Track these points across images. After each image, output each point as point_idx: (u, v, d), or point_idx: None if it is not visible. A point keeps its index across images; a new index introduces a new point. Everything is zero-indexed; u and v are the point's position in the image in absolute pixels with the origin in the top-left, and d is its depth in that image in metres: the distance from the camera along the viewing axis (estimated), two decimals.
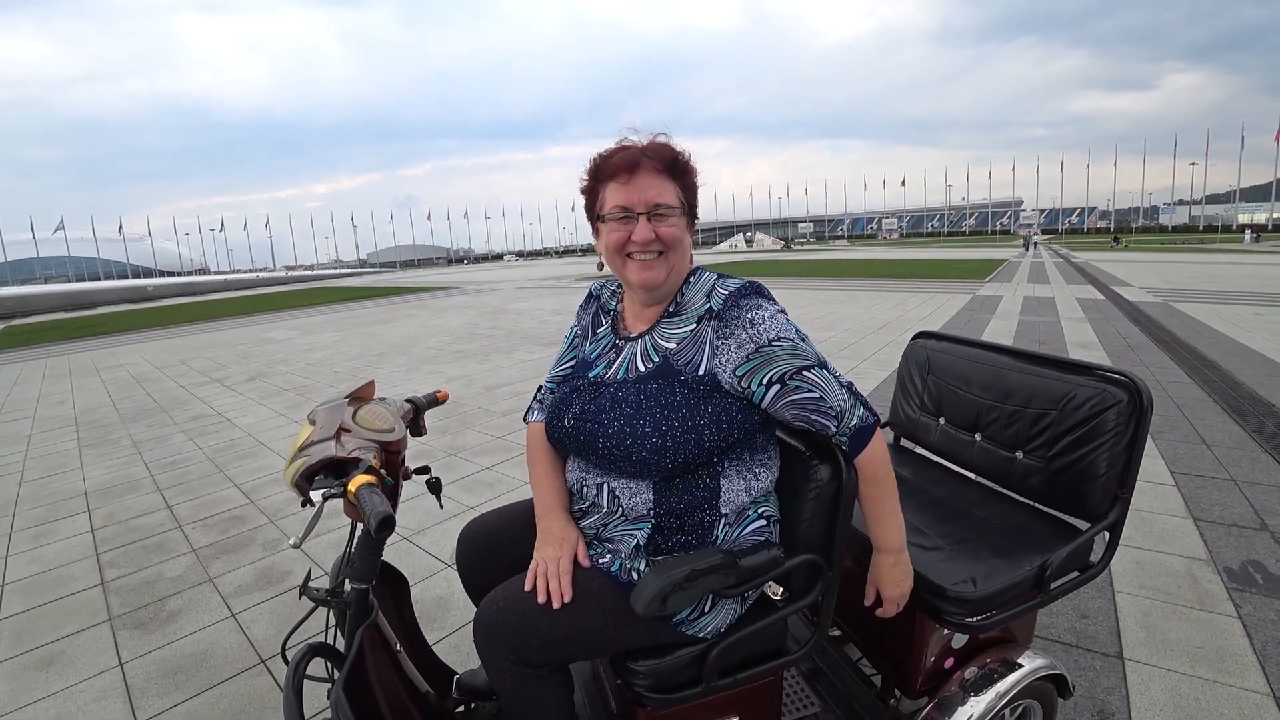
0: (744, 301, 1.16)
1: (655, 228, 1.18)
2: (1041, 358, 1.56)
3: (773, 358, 1.13)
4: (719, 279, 1.23)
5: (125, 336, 15.23)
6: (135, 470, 4.51)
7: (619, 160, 1.19)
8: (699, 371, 1.15)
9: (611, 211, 1.20)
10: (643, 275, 1.20)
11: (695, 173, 1.25)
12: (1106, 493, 1.34)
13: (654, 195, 1.18)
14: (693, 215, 1.27)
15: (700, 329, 1.19)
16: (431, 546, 2.95)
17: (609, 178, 1.20)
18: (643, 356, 1.22)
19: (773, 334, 1.13)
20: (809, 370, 1.13)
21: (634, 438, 1.13)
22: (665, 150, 1.21)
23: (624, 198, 1.18)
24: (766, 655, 1.22)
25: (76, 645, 2.40)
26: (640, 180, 1.18)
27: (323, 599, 1.14)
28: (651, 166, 1.19)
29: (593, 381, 1.26)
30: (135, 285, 45.52)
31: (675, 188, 1.21)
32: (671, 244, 1.20)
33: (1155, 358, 6.35)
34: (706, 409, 1.14)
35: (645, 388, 1.17)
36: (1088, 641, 2.08)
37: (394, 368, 7.90)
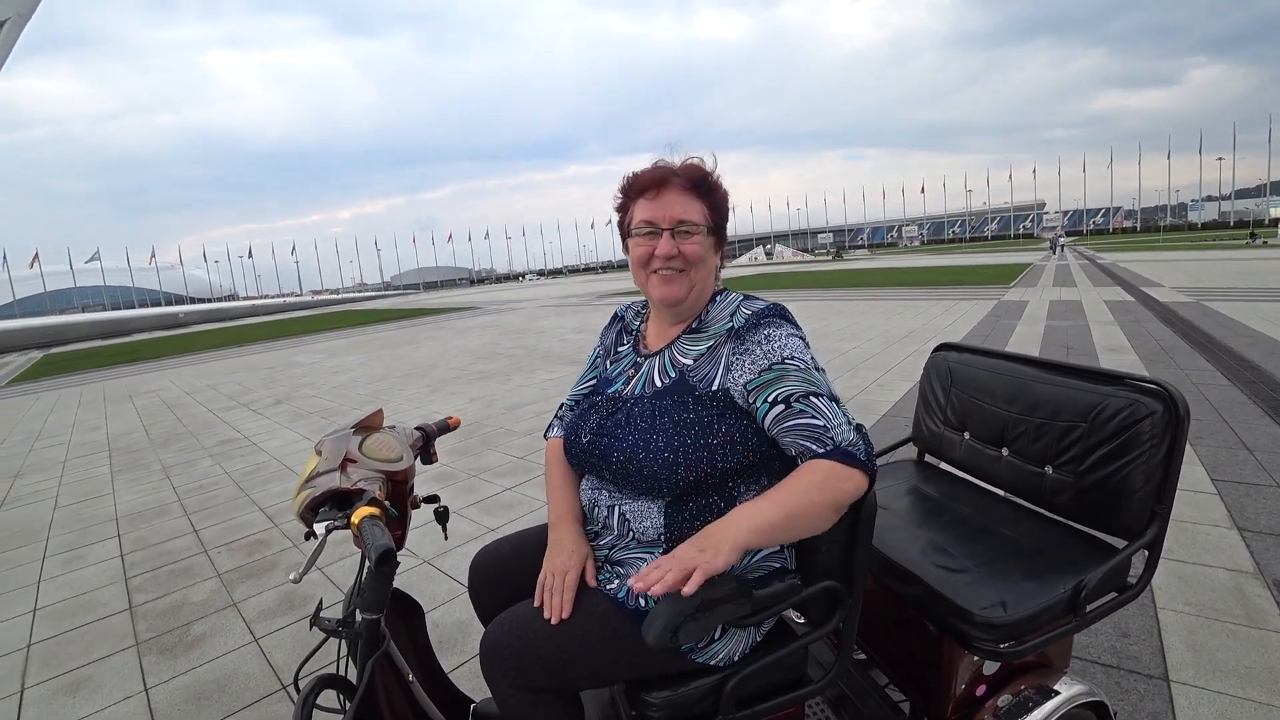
0: (765, 321, 1.17)
1: (679, 244, 1.20)
2: (1069, 367, 1.50)
3: (784, 376, 1.11)
4: (745, 299, 1.25)
5: (157, 363, 15.62)
6: (164, 495, 4.58)
7: (648, 177, 1.23)
8: (713, 387, 1.16)
9: (638, 226, 1.23)
10: (664, 290, 1.22)
11: (725, 193, 1.27)
12: (1143, 509, 1.28)
13: (679, 212, 1.20)
14: (721, 235, 1.28)
15: (719, 346, 1.20)
16: (452, 570, 2.93)
17: (639, 194, 1.24)
18: (660, 372, 1.24)
19: (787, 352, 1.13)
20: (818, 398, 1.10)
21: (647, 452, 1.13)
22: (695, 170, 1.23)
23: (650, 213, 1.22)
24: (787, 685, 1.18)
25: (104, 670, 2.43)
26: (667, 197, 1.21)
27: (333, 629, 1.13)
28: (679, 184, 1.22)
29: (610, 397, 1.27)
30: (167, 313, 46.76)
31: (702, 206, 1.23)
32: (694, 261, 1.21)
33: (1190, 360, 6.16)
34: (720, 427, 1.13)
35: (660, 404, 1.17)
36: (1130, 663, 1.98)
37: (417, 389, 7.97)
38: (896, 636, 1.44)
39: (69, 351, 24.81)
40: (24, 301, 78.40)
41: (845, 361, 7.22)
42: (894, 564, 1.38)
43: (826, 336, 9.28)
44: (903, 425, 4.60)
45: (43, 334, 33.02)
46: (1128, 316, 9.38)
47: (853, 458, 1.06)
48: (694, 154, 1.26)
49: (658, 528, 1.16)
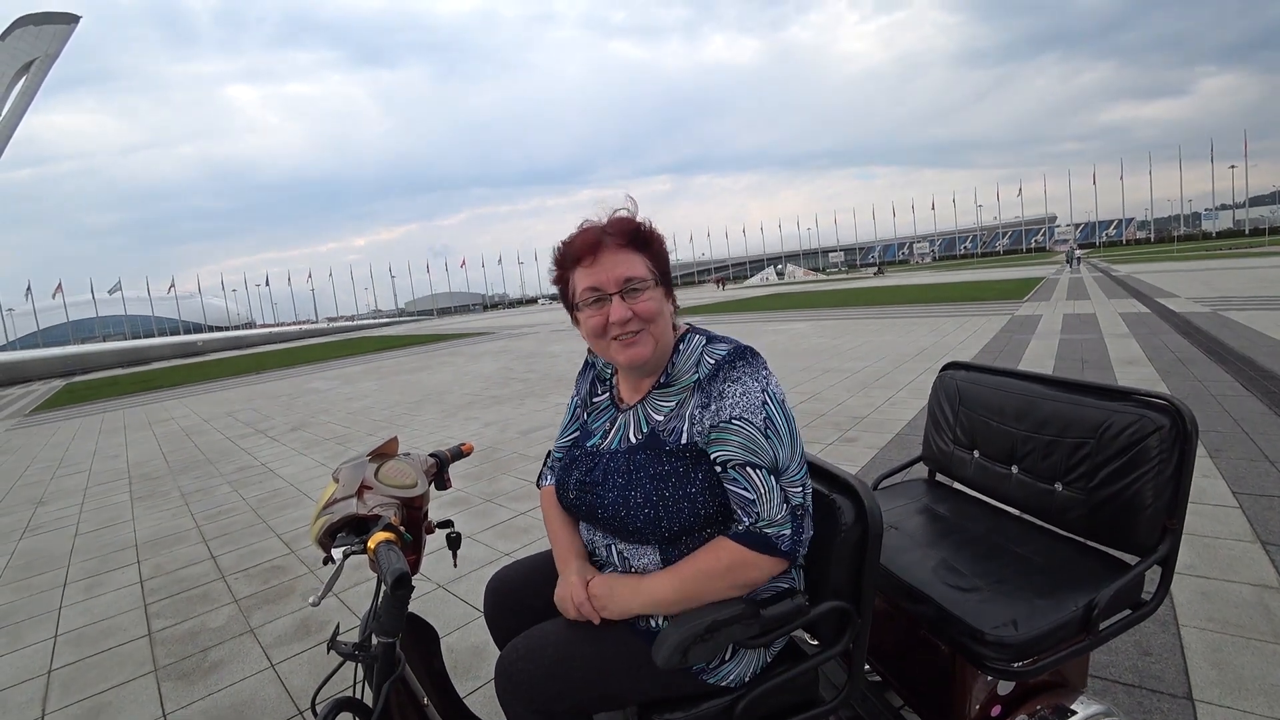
0: (723, 373, 1.13)
1: (631, 305, 1.15)
2: (1075, 384, 1.51)
3: (725, 439, 1.09)
4: (708, 345, 1.20)
5: (176, 391, 15.82)
6: (183, 521, 4.63)
7: (581, 243, 1.17)
8: (682, 441, 1.14)
9: (584, 296, 1.18)
10: (628, 354, 1.18)
11: (660, 239, 1.23)
12: (1155, 525, 1.28)
13: (622, 271, 1.15)
14: (668, 284, 1.24)
15: (685, 400, 1.17)
16: (467, 595, 2.94)
17: (575, 263, 1.19)
18: (635, 428, 1.22)
19: (735, 412, 1.09)
20: (754, 469, 1.07)
21: (628, 509, 1.14)
22: (626, 224, 1.19)
23: (592, 279, 1.16)
24: (798, 706, 1.18)
25: (123, 696, 2.45)
26: (605, 259, 1.16)
27: (350, 653, 1.15)
28: (615, 243, 1.16)
29: (589, 451, 1.27)
30: (186, 341, 47.44)
31: (643, 259, 1.19)
32: (650, 318, 1.17)
33: (1208, 371, 6.09)
34: (696, 476, 1.13)
35: (635, 458, 1.17)
36: (1152, 681, 1.95)
37: (431, 415, 8.02)
38: (910, 657, 1.43)
39: (90, 380, 25.20)
40: (47, 331, 79.92)
41: (857, 380, 7.19)
42: (905, 584, 1.38)
43: (838, 355, 9.26)
44: (915, 444, 4.57)
45: (65, 363, 33.58)
46: (1143, 329, 9.29)
47: (767, 544, 1.05)
48: (618, 206, 1.23)
49: (655, 564, 1.17)
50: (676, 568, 1.11)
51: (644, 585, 1.12)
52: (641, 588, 1.12)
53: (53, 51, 36.48)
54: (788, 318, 17.34)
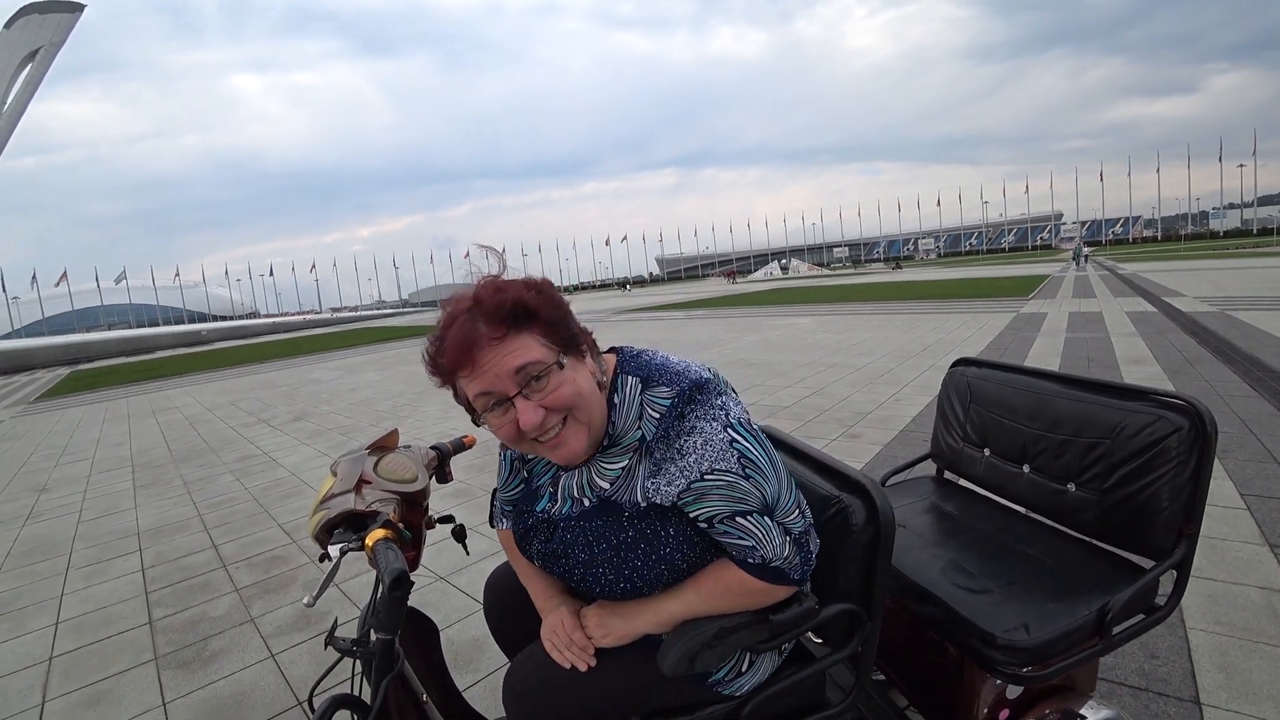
0: (675, 427, 0.98)
1: (540, 401, 0.96)
2: (1091, 382, 1.48)
3: (705, 495, 0.96)
4: (645, 391, 1.02)
5: (180, 379, 15.86)
6: (185, 510, 4.63)
7: (452, 353, 0.95)
8: (640, 505, 1.01)
9: (479, 402, 0.98)
10: (561, 454, 1.01)
11: (550, 296, 1.00)
12: (1170, 528, 1.25)
13: (511, 361, 0.94)
14: (572, 345, 1.00)
15: (631, 465, 1.02)
16: (468, 587, 2.93)
17: (451, 373, 0.97)
18: (580, 492, 1.08)
19: (706, 465, 0.95)
20: (745, 517, 0.97)
21: (600, 585, 1.05)
22: (500, 303, 0.94)
23: (482, 385, 0.95)
24: (805, 709, 1.16)
25: (123, 684, 2.44)
26: (487, 360, 0.94)
27: (348, 649, 1.13)
28: (492, 338, 0.93)
29: (541, 519, 1.13)
30: (190, 330, 47.59)
31: (535, 337, 0.96)
32: (569, 405, 0.97)
33: (1216, 371, 6.04)
34: (667, 532, 1.01)
35: (592, 525, 1.04)
36: (1159, 685, 1.93)
37: (433, 406, 8.01)
38: (916, 658, 1.41)
39: (95, 368, 25.28)
40: (52, 320, 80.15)
41: (861, 376, 7.16)
42: (913, 584, 1.36)
43: (842, 350, 9.22)
44: (920, 440, 4.54)
45: (69, 351, 33.72)
46: (1150, 328, 9.23)
47: (781, 576, 1.00)
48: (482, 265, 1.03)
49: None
50: (685, 592, 1.03)
51: (649, 605, 1.06)
52: (646, 608, 1.05)
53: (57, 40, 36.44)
54: (791, 312, 17.29)
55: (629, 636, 1.08)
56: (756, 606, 1.03)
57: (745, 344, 11.14)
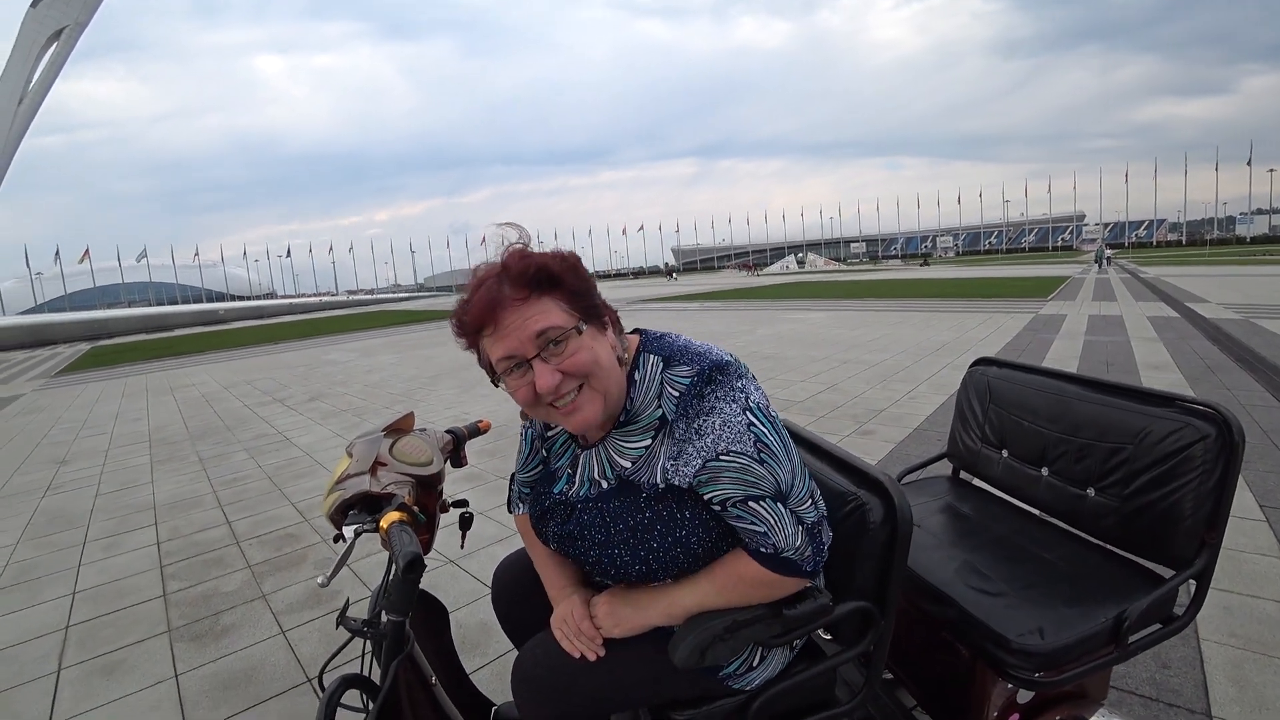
0: (694, 407, 0.99)
1: (557, 365, 0.98)
2: (1116, 386, 1.45)
3: (718, 476, 0.97)
4: (666, 370, 1.03)
5: (197, 357, 16.05)
6: (200, 486, 4.70)
7: (477, 310, 0.99)
8: (659, 487, 1.02)
9: (500, 366, 1.01)
10: (575, 420, 1.01)
11: (574, 265, 1.03)
12: (1192, 537, 1.23)
13: (534, 324, 0.97)
14: (594, 316, 1.03)
15: (654, 446, 1.03)
16: (477, 571, 2.95)
17: (475, 333, 1.02)
18: (600, 473, 1.10)
19: (722, 446, 0.96)
20: (758, 502, 0.97)
21: (615, 567, 1.05)
22: (525, 267, 0.98)
23: (503, 348, 0.99)
24: (813, 706, 1.15)
25: (137, 654, 2.49)
26: (510, 320, 0.97)
27: (359, 630, 1.14)
28: (516, 299, 0.97)
29: (558, 500, 1.14)
30: (208, 309, 48.14)
31: (557, 303, 0.99)
32: (586, 371, 0.99)
33: (1238, 379, 5.94)
34: (684, 515, 1.01)
35: (609, 506, 1.05)
36: (1170, 696, 1.90)
37: (448, 390, 8.05)
38: (927, 658, 1.40)
39: (115, 344, 25.64)
40: (74, 296, 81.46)
41: (877, 373, 7.11)
42: (926, 584, 1.34)
43: (858, 347, 9.16)
44: (934, 439, 4.51)
45: (90, 327, 34.21)
46: (1171, 333, 9.08)
47: (792, 567, 0.99)
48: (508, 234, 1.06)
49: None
50: (699, 580, 1.03)
51: (663, 595, 1.06)
52: (660, 598, 1.06)
53: (83, 20, 36.75)
54: (806, 306, 17.18)
55: (639, 628, 1.07)
56: (768, 599, 1.03)
57: (758, 337, 11.09)
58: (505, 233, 1.05)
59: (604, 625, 1.09)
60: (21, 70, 34.62)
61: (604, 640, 1.10)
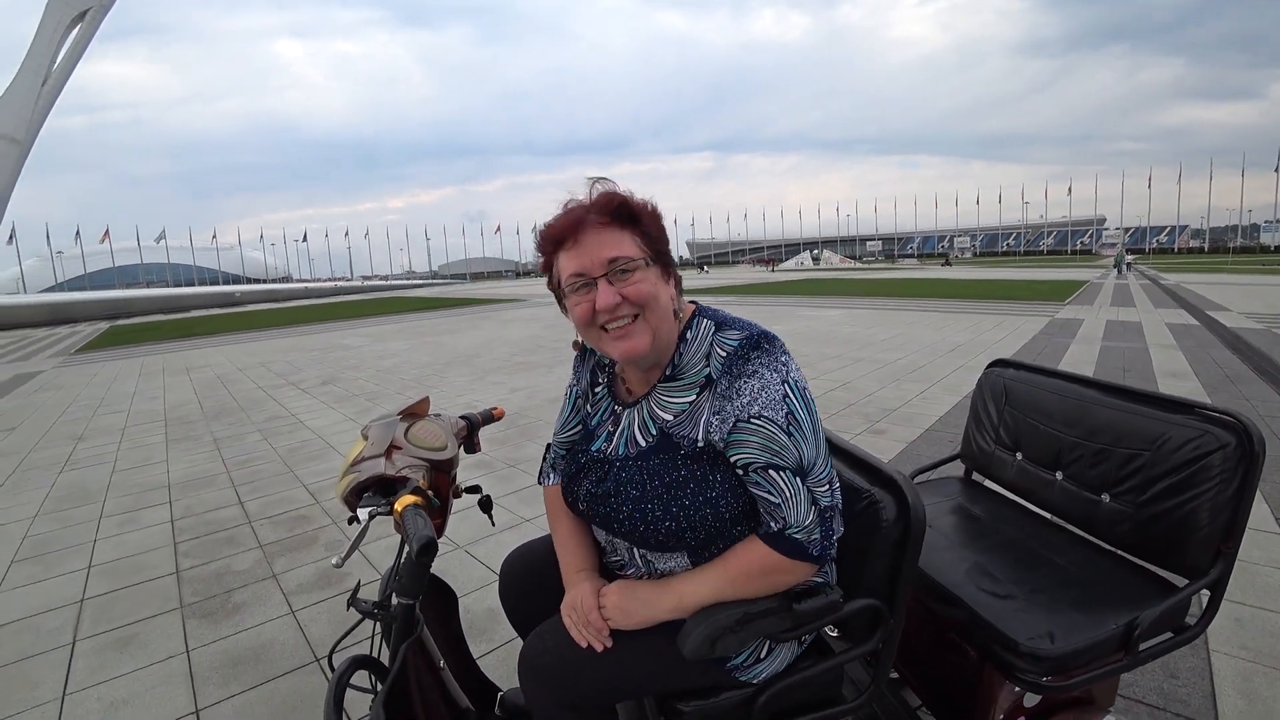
0: (737, 367, 1.03)
1: (619, 289, 1.04)
2: (1134, 392, 1.43)
3: (744, 440, 1.00)
4: (717, 333, 1.09)
5: (213, 339, 16.21)
6: (213, 466, 4.75)
7: (561, 224, 1.07)
8: (698, 444, 1.05)
9: (569, 282, 1.08)
10: (622, 347, 1.07)
11: (655, 214, 1.12)
12: (1207, 547, 1.21)
13: (608, 250, 1.05)
14: (665, 264, 1.12)
15: (699, 401, 1.07)
16: (486, 558, 2.97)
17: (557, 246, 1.09)
18: (641, 429, 1.13)
19: (755, 410, 1.00)
20: (778, 471, 0.99)
21: (645, 523, 1.06)
22: (610, 199, 1.08)
23: (576, 263, 1.06)
24: (819, 702, 1.15)
25: (150, 629, 2.53)
26: (588, 239, 1.05)
27: (369, 611, 1.15)
28: (598, 222, 1.05)
29: (595, 457, 1.17)
30: (224, 291, 48.59)
31: (633, 237, 1.07)
32: (644, 302, 1.05)
33: (1257, 389, 5.85)
34: (716, 478, 1.04)
35: (647, 464, 1.08)
36: (1178, 706, 1.89)
37: (460, 377, 8.09)
38: (934, 658, 1.40)
39: (133, 324, 25.95)
40: (94, 275, 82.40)
41: (890, 372, 7.07)
42: (936, 584, 1.34)
43: (871, 345, 9.10)
44: (946, 440, 4.48)
45: (110, 306, 34.63)
46: (1191, 341, 8.96)
47: (799, 550, 1.00)
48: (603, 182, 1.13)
49: (684, 566, 1.11)
50: (708, 571, 1.05)
51: (672, 589, 1.07)
52: (669, 592, 1.07)
53: (107, 2, 37.01)
54: (821, 304, 17.09)
55: (648, 622, 1.08)
56: (777, 588, 1.03)
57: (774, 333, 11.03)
58: (598, 185, 1.12)
59: (613, 617, 1.09)
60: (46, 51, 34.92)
61: (613, 631, 1.10)
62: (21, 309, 31.13)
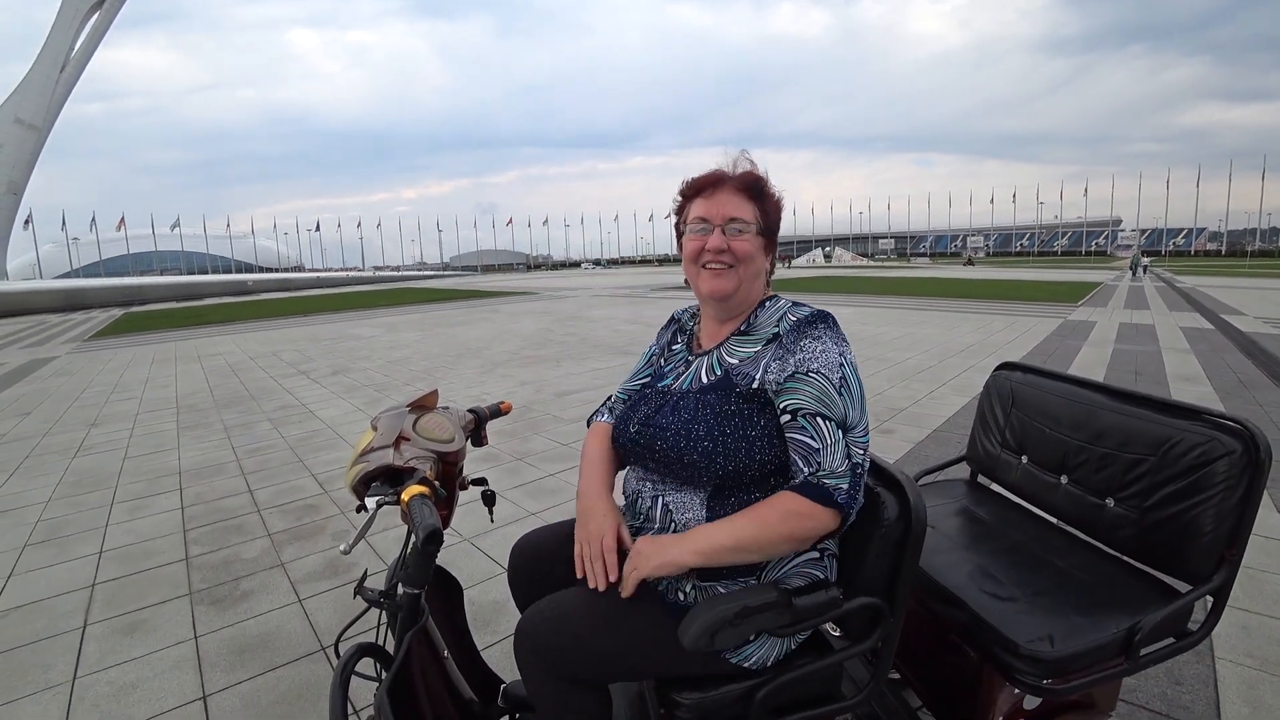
0: (806, 329, 1.19)
1: (729, 240, 1.24)
2: (1141, 397, 1.43)
3: (799, 388, 1.13)
4: (793, 306, 1.27)
5: (225, 327, 16.35)
6: (224, 454, 4.80)
7: (705, 178, 1.30)
8: (753, 385, 1.18)
9: (693, 223, 1.29)
10: (712, 284, 1.26)
11: (777, 201, 1.31)
12: (1211, 553, 1.21)
13: (732, 210, 1.25)
14: (771, 238, 1.31)
15: (763, 351, 1.22)
16: (492, 550, 2.99)
17: (695, 193, 1.30)
18: (708, 370, 1.27)
19: (815, 365, 1.14)
20: (824, 420, 1.10)
21: (688, 440, 1.16)
22: (749, 175, 1.29)
23: (704, 210, 1.27)
24: (818, 699, 1.16)
25: (159, 615, 2.56)
26: (721, 196, 1.26)
27: (375, 600, 1.17)
28: (733, 185, 1.27)
29: (660, 391, 1.32)
30: (237, 279, 48.93)
31: (754, 207, 1.27)
32: (742, 257, 1.25)
33: (1272, 395, 5.79)
34: (759, 420, 1.16)
35: (705, 398, 1.21)
36: (1180, 712, 1.88)
37: (469, 369, 8.13)
38: (935, 659, 1.40)
39: (146, 311, 26.19)
40: (109, 262, 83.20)
41: (899, 371, 7.05)
42: (939, 586, 1.34)
43: (880, 344, 9.07)
44: (954, 441, 4.46)
45: (124, 293, 34.96)
46: (1204, 345, 8.87)
47: (826, 495, 1.06)
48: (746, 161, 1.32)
49: (700, 518, 1.17)
50: (732, 517, 1.12)
51: (693, 533, 1.13)
52: (690, 536, 1.13)
53: None
54: (832, 301, 17.03)
55: (666, 566, 1.11)
56: (796, 536, 1.07)
57: None
58: (741, 159, 1.32)
59: (638, 562, 1.13)
60: (64, 38, 35.23)
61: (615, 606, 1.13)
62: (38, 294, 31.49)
